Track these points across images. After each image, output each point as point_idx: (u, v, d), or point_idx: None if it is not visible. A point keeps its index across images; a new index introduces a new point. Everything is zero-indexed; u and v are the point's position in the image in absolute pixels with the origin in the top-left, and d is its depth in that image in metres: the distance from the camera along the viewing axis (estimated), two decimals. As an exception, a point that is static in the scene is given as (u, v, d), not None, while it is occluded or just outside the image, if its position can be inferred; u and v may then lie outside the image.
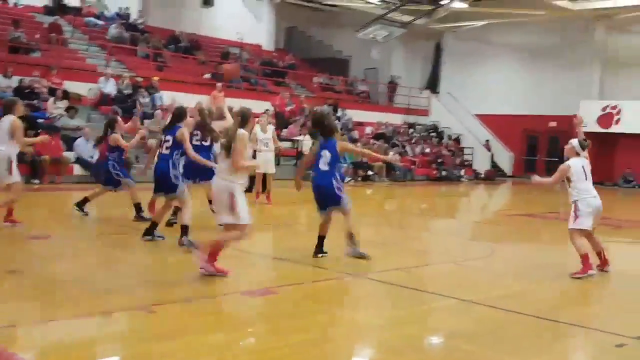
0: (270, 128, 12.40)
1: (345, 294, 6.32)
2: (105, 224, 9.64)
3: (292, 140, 20.48)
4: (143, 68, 20.56)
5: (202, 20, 25.99)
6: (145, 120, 16.58)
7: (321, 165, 7.17)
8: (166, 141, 7.61)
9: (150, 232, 7.72)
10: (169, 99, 17.82)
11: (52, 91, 16.64)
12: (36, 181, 14.05)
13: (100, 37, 21.24)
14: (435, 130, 27.94)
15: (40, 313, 5.03)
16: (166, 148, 7.60)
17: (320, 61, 28.54)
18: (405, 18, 26.16)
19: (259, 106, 20.36)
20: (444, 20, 27.25)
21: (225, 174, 6.06)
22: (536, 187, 7.87)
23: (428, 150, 25.18)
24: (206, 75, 21.63)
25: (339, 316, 5.50)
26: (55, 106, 16.15)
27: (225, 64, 22.68)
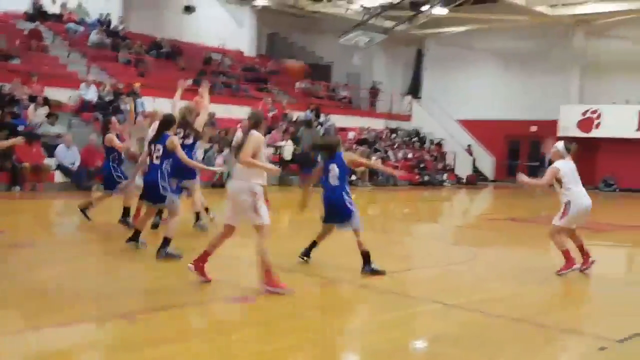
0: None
1: (330, 299, 6.32)
2: (89, 231, 9.56)
3: (275, 147, 20.47)
4: (124, 74, 20.44)
5: (184, 26, 25.93)
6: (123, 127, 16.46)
7: (331, 180, 7.11)
8: (156, 150, 7.45)
9: (134, 239, 7.68)
10: (152, 107, 17.74)
11: (33, 98, 16.48)
12: (17, 188, 13.91)
13: (81, 44, 21.09)
14: (417, 135, 28.09)
15: (24, 322, 4.98)
16: (156, 158, 7.44)
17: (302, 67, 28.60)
18: (387, 24, 26.33)
19: (240, 112, 20.36)
20: (425, 26, 27.48)
21: (243, 175, 6.01)
22: (524, 188, 8.01)
23: (410, 155, 25.31)
24: (188, 81, 21.53)
25: (324, 321, 5.50)
26: (35, 113, 16.01)
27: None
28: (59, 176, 15.13)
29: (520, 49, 26.88)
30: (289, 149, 20.45)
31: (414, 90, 30.23)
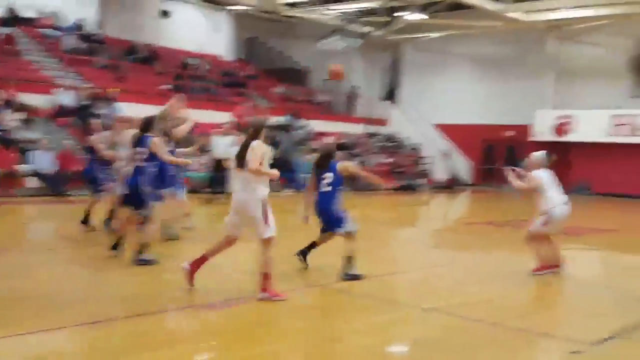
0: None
1: (309, 305, 6.34)
2: (61, 238, 9.46)
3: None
4: (101, 79, 20.28)
5: (161, 30, 25.80)
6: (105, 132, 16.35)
7: (322, 187, 7.17)
8: (139, 153, 7.32)
9: (116, 247, 7.59)
10: (129, 112, 17.61)
11: (8, 103, 16.28)
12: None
13: (57, 48, 20.88)
14: (394, 140, 28.27)
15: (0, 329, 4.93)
16: (139, 160, 7.31)
17: (280, 71, 28.62)
18: (364, 29, 26.47)
19: (218, 117, 20.29)
20: (402, 31, 27.67)
21: (248, 186, 5.95)
22: (509, 187, 8.14)
23: (388, 160, 25.45)
24: (164, 86, 21.46)
25: (304, 327, 5.52)
26: (11, 118, 15.83)
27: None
28: (34, 181, 14.97)
29: (495, 54, 27.20)
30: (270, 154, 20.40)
31: (392, 95, 30.41)
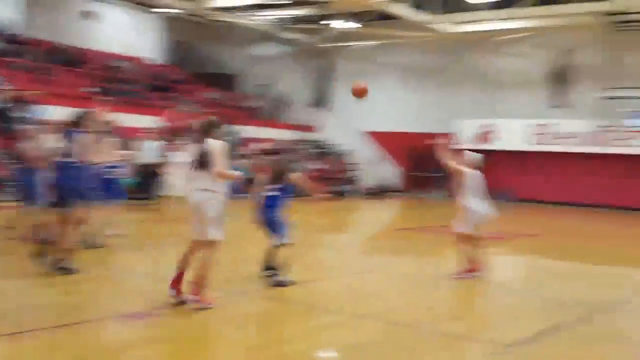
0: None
1: (237, 312, 6.30)
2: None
3: (181, 157, 20.13)
4: (24, 81, 19.51)
5: (87, 32, 25.08)
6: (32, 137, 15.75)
7: (269, 192, 7.25)
8: (65, 148, 6.96)
9: (40, 256, 7.30)
10: (53, 114, 17.04)
11: None
12: None
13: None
14: (324, 147, 28.49)
15: None
16: (65, 156, 6.96)
17: (210, 76, 28.35)
18: (295, 36, 26.60)
19: (145, 122, 19.92)
20: (332, 39, 28.01)
21: (204, 186, 5.81)
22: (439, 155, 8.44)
23: (318, 166, 25.61)
24: (90, 89, 20.88)
25: (230, 335, 5.51)
26: None
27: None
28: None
29: (422, 64, 27.92)
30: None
31: (322, 101, 30.68)
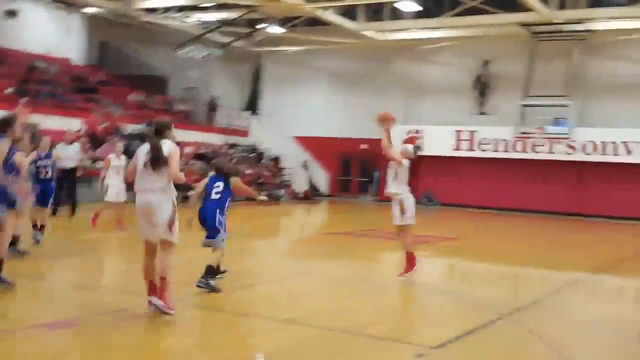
0: (124, 157, 12.14)
1: (161, 320, 6.12)
2: None
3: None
4: None
5: (7, 31, 23.97)
6: None
7: (212, 195, 7.21)
8: None
9: None
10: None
11: None
12: None
13: None
14: (255, 151, 28.36)
15: None
16: None
17: (136, 78, 27.68)
18: (224, 39, 26.35)
19: (68, 124, 19.24)
20: (262, 43, 27.93)
21: (161, 188, 5.72)
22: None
23: (248, 171, 25.45)
24: (8, 90, 19.99)
25: (154, 343, 5.35)
26: None
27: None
28: None
29: (351, 70, 28.22)
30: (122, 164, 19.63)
31: (252, 106, 30.52)
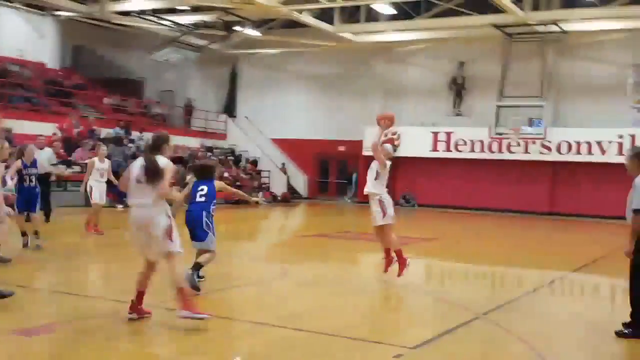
0: (107, 161, 12.53)
1: (137, 324, 6.03)
2: None
3: (81, 165, 19.32)
4: None
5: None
6: None
7: (197, 198, 7.22)
8: None
9: None
10: None
11: None
12: None
13: None
14: (232, 154, 28.23)
15: None
16: None
17: (111, 82, 27.40)
18: (200, 42, 26.21)
19: (42, 128, 19.02)
20: (238, 46, 27.82)
21: (152, 202, 5.68)
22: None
23: (226, 174, 25.32)
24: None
25: (128, 349, 5.26)
26: None
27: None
28: None
29: (329, 72, 28.22)
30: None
31: (229, 108, 30.39)
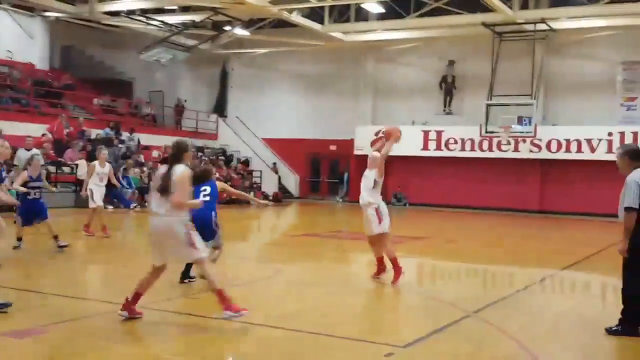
0: (108, 165, 12.59)
1: (126, 326, 6.01)
2: None
3: (70, 166, 19.27)
4: None
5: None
6: None
7: (202, 199, 7.30)
8: None
9: None
10: None
11: None
12: None
13: None
14: (224, 154, 28.19)
15: None
16: None
17: (101, 82, 27.30)
18: (190, 42, 26.16)
19: (31, 129, 18.96)
20: (228, 46, 27.79)
21: (170, 211, 5.74)
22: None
23: (217, 174, 25.28)
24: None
25: (120, 351, 5.25)
26: None
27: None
28: None
29: (320, 72, 28.23)
30: (84, 168, 19.35)
31: (220, 108, 30.35)
